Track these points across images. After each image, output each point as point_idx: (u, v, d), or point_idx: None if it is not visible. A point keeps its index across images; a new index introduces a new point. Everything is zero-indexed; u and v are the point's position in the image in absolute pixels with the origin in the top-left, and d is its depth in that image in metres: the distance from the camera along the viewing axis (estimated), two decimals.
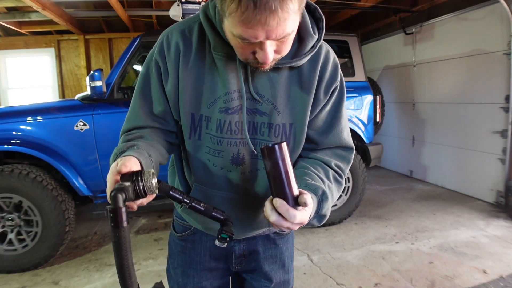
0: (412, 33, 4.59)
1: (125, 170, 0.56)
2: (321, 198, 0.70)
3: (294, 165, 0.82)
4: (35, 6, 3.70)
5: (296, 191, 0.60)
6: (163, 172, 0.78)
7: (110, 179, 0.57)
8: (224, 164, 0.79)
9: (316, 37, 0.76)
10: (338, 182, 0.81)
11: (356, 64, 3.38)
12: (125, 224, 0.52)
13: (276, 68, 0.75)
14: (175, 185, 0.92)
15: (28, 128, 2.51)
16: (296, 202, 0.59)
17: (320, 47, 0.80)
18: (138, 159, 0.61)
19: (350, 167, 3.37)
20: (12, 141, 2.46)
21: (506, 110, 3.36)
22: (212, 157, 0.78)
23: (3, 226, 2.45)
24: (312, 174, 0.76)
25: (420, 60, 4.54)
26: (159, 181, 0.62)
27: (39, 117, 2.54)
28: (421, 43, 4.50)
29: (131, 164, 0.58)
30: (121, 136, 0.78)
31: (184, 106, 0.76)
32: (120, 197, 0.52)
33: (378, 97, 3.46)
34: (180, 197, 0.65)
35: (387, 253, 2.63)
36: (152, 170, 0.59)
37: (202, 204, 0.67)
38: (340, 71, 0.83)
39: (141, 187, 0.56)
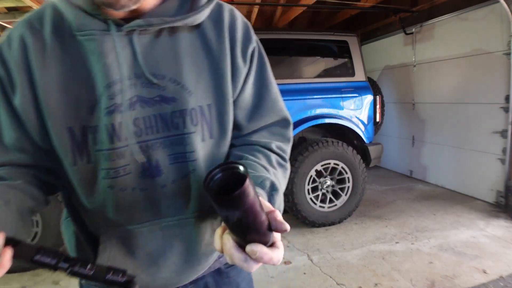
0: (412, 33, 4.59)
1: None
2: (271, 193, 0.55)
3: (227, 157, 0.67)
4: (35, 6, 3.70)
5: (266, 220, 0.42)
6: None
7: None
8: (135, 183, 0.58)
9: None
10: (282, 167, 0.67)
11: (356, 64, 3.38)
12: None
13: (171, 32, 0.58)
14: (73, 243, 0.67)
15: None
16: (270, 229, 0.42)
17: (221, 5, 0.65)
18: None
19: (350, 167, 3.31)
20: None
21: (506, 110, 3.36)
22: (115, 179, 0.57)
23: None
24: (252, 164, 0.60)
25: (420, 60, 4.54)
26: (13, 241, 0.42)
27: None
28: (421, 43, 4.50)
29: None
30: None
31: (54, 120, 0.54)
32: None
33: (378, 97, 3.46)
34: (53, 262, 0.44)
35: (387, 253, 2.64)
36: None
37: (89, 266, 0.46)
38: (253, 31, 0.67)
39: None
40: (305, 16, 4.99)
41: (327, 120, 3.18)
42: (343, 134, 3.43)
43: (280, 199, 0.57)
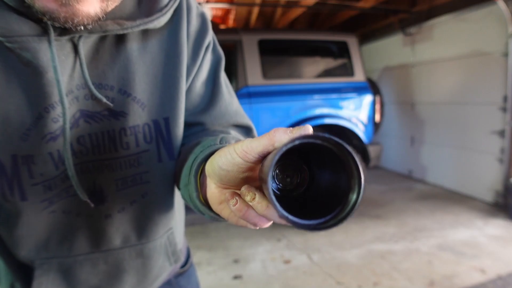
0: (411, 34, 4.61)
1: None
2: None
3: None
4: None
5: None
6: None
7: None
8: (73, 206, 0.50)
9: None
10: None
11: (356, 65, 3.41)
12: None
13: (121, 37, 0.48)
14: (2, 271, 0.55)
15: None
16: None
17: None
18: None
19: None
20: None
21: (504, 110, 3.38)
22: (54, 209, 0.49)
23: None
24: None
25: (419, 60, 4.56)
26: None
27: None
28: (420, 44, 4.52)
29: None
30: None
31: None
32: None
33: (377, 97, 3.49)
34: None
35: (386, 252, 2.65)
36: None
37: None
38: (210, 24, 0.58)
39: None
40: (305, 17, 5.01)
41: (326, 120, 3.20)
42: (343, 134, 3.45)
43: None
